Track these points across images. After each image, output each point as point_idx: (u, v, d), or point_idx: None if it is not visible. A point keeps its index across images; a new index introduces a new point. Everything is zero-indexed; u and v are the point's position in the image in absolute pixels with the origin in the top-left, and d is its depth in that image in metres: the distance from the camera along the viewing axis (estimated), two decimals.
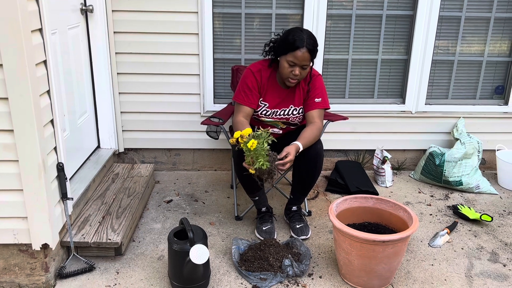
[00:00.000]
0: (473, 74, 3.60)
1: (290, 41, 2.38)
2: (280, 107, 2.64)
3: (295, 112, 2.65)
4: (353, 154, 3.71)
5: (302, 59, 2.39)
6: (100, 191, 2.94)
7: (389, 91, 3.60)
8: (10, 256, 2.24)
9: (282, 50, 2.44)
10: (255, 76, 2.57)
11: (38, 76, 2.05)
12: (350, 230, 2.17)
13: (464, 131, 3.47)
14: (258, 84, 2.58)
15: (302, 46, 2.37)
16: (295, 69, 2.43)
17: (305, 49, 2.37)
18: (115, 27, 3.16)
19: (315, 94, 2.60)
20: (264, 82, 2.58)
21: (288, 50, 2.40)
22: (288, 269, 2.31)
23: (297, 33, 2.40)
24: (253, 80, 2.57)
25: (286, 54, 2.42)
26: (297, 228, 2.73)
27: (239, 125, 2.52)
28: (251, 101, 2.58)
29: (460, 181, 3.34)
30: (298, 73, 2.44)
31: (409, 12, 3.38)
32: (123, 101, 3.37)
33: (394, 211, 2.44)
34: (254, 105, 2.60)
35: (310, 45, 2.39)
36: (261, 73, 2.58)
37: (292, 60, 2.40)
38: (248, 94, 2.57)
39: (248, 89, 2.57)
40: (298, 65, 2.41)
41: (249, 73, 2.59)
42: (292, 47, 2.38)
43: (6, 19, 1.84)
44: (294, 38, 2.38)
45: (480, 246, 2.70)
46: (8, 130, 2.00)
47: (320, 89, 2.62)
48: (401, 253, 2.23)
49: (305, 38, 2.38)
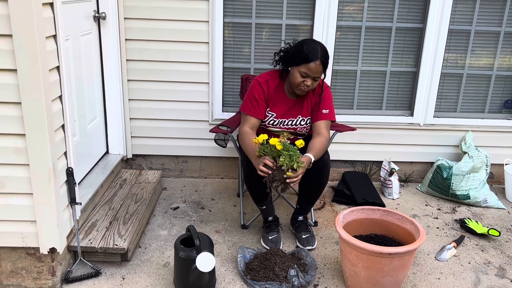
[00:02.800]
0: (482, 87, 3.60)
1: (304, 53, 2.39)
2: (288, 117, 2.64)
3: (302, 122, 2.66)
4: (360, 165, 3.71)
5: (315, 71, 2.40)
6: (107, 197, 2.96)
7: (397, 103, 3.60)
8: (17, 259, 2.26)
9: (295, 61, 2.44)
10: (262, 87, 2.58)
11: (51, 82, 2.08)
12: (356, 241, 2.16)
13: (472, 145, 3.46)
14: (265, 95, 2.58)
15: (316, 58, 2.38)
16: (307, 80, 2.44)
17: (318, 61, 2.38)
18: (127, 34, 3.20)
19: (324, 105, 2.61)
20: (271, 92, 2.59)
21: (302, 61, 2.40)
22: (294, 279, 2.31)
23: (311, 44, 2.41)
24: (260, 91, 2.58)
25: (299, 65, 2.42)
26: (303, 238, 2.73)
27: (245, 136, 2.51)
28: (257, 111, 2.59)
29: (468, 194, 3.32)
30: (309, 84, 2.45)
31: (418, 25, 3.40)
32: (133, 108, 3.40)
33: (401, 223, 2.43)
34: (261, 116, 2.61)
35: (323, 57, 2.40)
36: (268, 84, 2.59)
37: (305, 72, 2.41)
38: (255, 105, 2.58)
39: (255, 100, 2.58)
40: (311, 76, 2.42)
41: (256, 84, 2.60)
42: (306, 59, 2.38)
43: (22, 25, 1.87)
44: (308, 50, 2.38)
45: (488, 261, 2.68)
46: (20, 134, 2.03)
47: (329, 101, 2.63)
48: (407, 266, 2.22)
49: (319, 50, 2.39)
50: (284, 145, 2.23)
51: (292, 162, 2.20)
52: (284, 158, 2.20)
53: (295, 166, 2.21)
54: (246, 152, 2.49)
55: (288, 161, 2.20)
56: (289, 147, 2.23)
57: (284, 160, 2.20)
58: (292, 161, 2.20)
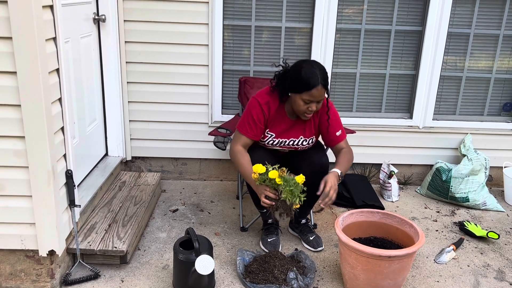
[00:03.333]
0: (481, 90, 3.61)
1: (304, 80, 2.28)
2: (288, 137, 2.56)
3: (304, 142, 2.59)
4: (359, 168, 3.71)
5: (318, 95, 2.31)
6: (107, 199, 2.96)
7: (396, 106, 3.61)
8: (16, 261, 2.26)
9: (295, 88, 2.33)
10: (263, 109, 2.46)
11: (51, 84, 2.08)
12: (356, 244, 2.16)
13: (471, 148, 3.47)
14: (265, 117, 2.47)
15: (318, 84, 2.28)
16: (312, 105, 2.35)
17: (320, 86, 2.28)
18: (127, 36, 3.20)
19: (334, 127, 2.56)
20: (272, 114, 2.48)
21: (303, 89, 2.29)
22: (293, 282, 2.31)
23: (309, 69, 2.29)
24: (259, 113, 2.46)
25: (301, 93, 2.31)
26: (311, 240, 2.73)
27: (239, 156, 2.46)
28: (254, 133, 2.50)
29: (467, 197, 3.32)
30: (315, 108, 2.36)
31: (418, 28, 3.40)
32: (132, 110, 3.40)
33: (401, 226, 2.44)
34: (257, 138, 2.53)
35: (324, 80, 2.30)
36: (269, 105, 2.46)
37: (308, 99, 2.31)
38: (252, 126, 2.48)
39: (253, 122, 2.47)
40: (315, 101, 2.34)
41: (256, 104, 2.46)
42: (308, 86, 2.28)
43: (22, 28, 1.88)
44: (307, 76, 2.27)
45: (487, 263, 2.68)
46: (19, 137, 2.03)
47: (337, 121, 2.58)
48: (406, 269, 2.22)
49: (318, 75, 2.28)
50: (284, 179, 2.19)
51: (294, 198, 2.19)
52: (286, 194, 2.19)
53: (297, 201, 2.19)
54: (241, 173, 2.47)
55: (290, 198, 2.19)
56: (289, 181, 2.18)
57: (286, 197, 2.19)
58: (294, 196, 2.19)
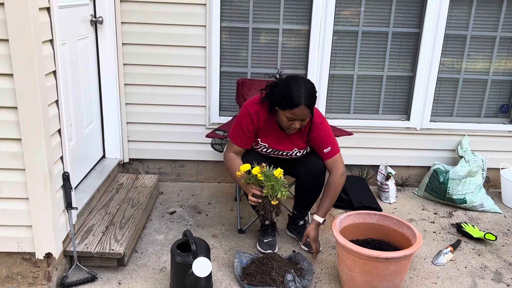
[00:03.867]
0: (478, 92, 3.61)
1: (288, 98, 2.27)
2: (282, 148, 2.57)
3: (298, 154, 2.59)
4: (357, 170, 3.72)
5: (300, 114, 2.30)
6: (104, 201, 2.95)
7: (394, 108, 3.61)
8: (13, 264, 2.25)
9: (280, 104, 2.33)
10: (252, 119, 2.46)
11: (47, 86, 2.07)
12: (353, 246, 2.16)
13: (468, 149, 3.47)
14: (254, 127, 2.48)
15: (300, 103, 2.26)
16: (295, 123, 2.34)
17: (303, 106, 2.26)
18: (124, 38, 3.20)
19: (323, 143, 2.52)
20: (261, 125, 2.49)
21: (286, 107, 2.29)
22: (291, 284, 2.31)
23: (295, 87, 2.27)
24: (248, 123, 2.47)
25: (284, 110, 2.31)
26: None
27: (230, 161, 2.50)
28: (244, 142, 2.52)
29: (464, 199, 3.33)
30: (298, 126, 2.36)
31: (415, 30, 3.41)
32: (130, 112, 3.39)
33: (398, 228, 2.44)
34: (247, 146, 2.55)
35: (308, 101, 2.28)
36: (259, 116, 2.46)
37: (290, 116, 2.31)
38: (242, 136, 2.50)
39: (242, 131, 2.49)
40: (297, 119, 2.33)
41: (246, 114, 2.47)
42: (291, 104, 2.27)
43: (19, 30, 1.87)
44: (292, 95, 2.26)
45: (484, 265, 2.68)
46: (16, 139, 2.03)
47: (326, 137, 2.52)
48: (404, 271, 2.22)
49: (303, 94, 2.26)
50: (265, 174, 2.23)
51: (275, 193, 2.23)
52: (267, 189, 2.23)
53: (279, 196, 2.22)
54: (232, 177, 2.52)
55: (271, 192, 2.23)
56: (270, 177, 2.22)
57: (267, 192, 2.23)
58: (275, 191, 2.23)
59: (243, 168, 2.28)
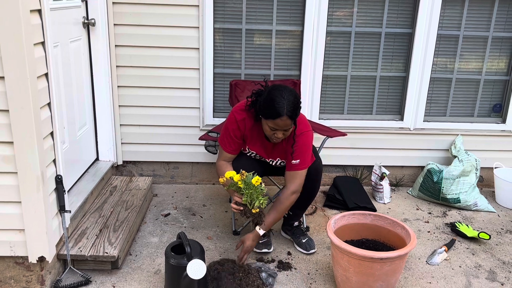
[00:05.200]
0: (471, 92, 3.63)
1: (270, 108, 2.26)
2: (268, 157, 2.58)
3: (282, 163, 2.59)
4: (351, 170, 3.72)
5: (283, 125, 2.28)
6: (98, 204, 2.93)
7: (387, 108, 3.62)
8: (6, 268, 2.23)
9: (263, 113, 2.32)
10: (239, 125, 2.47)
11: (39, 89, 2.06)
12: (348, 247, 2.16)
13: (462, 149, 3.49)
14: (241, 133, 2.49)
15: (282, 114, 2.24)
16: (277, 132, 2.33)
17: (285, 117, 2.25)
18: (117, 40, 3.19)
19: (296, 155, 2.45)
20: (247, 132, 2.49)
21: (269, 116, 2.28)
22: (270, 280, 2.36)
23: (278, 98, 2.25)
24: (235, 129, 2.47)
25: (267, 119, 2.30)
26: (304, 242, 2.74)
27: (221, 169, 2.51)
28: (233, 148, 2.53)
29: (458, 198, 3.34)
30: (281, 136, 2.34)
31: (408, 30, 3.42)
32: (123, 114, 3.38)
33: (392, 228, 2.44)
34: (236, 152, 2.56)
35: (290, 112, 2.25)
36: (245, 122, 2.47)
37: (273, 126, 2.30)
38: (231, 142, 2.51)
39: (230, 138, 2.50)
40: (280, 130, 2.32)
41: (233, 120, 2.48)
42: (273, 114, 2.25)
43: (9, 32, 1.86)
44: (274, 106, 2.24)
45: (478, 264, 2.69)
46: (8, 142, 2.01)
47: (302, 150, 2.46)
48: (398, 271, 2.22)
49: (285, 105, 2.24)
50: (245, 182, 2.24)
51: (254, 201, 2.25)
52: (246, 197, 2.25)
53: (257, 204, 2.25)
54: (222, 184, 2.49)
55: (249, 200, 2.26)
56: (250, 185, 2.24)
57: (246, 200, 2.26)
58: (253, 199, 2.25)
59: (227, 174, 2.29)
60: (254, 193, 2.24)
